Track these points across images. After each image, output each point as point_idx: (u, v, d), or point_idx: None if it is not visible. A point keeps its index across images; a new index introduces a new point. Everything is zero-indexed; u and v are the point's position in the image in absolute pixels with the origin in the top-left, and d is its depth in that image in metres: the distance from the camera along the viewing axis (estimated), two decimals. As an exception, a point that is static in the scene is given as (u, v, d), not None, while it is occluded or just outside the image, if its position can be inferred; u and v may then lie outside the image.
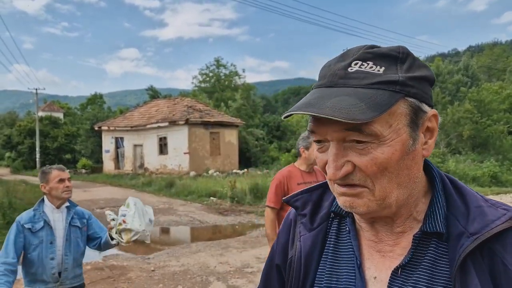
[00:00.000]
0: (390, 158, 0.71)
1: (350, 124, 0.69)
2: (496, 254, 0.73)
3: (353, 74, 0.72)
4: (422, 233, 0.77)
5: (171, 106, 27.16)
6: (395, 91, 0.71)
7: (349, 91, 0.71)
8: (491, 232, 0.72)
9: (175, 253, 8.02)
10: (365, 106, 0.67)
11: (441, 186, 0.82)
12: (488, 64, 56.83)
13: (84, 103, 60.92)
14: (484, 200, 0.79)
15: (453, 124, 26.05)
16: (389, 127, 0.71)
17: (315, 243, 0.88)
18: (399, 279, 0.77)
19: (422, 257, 0.77)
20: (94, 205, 14.51)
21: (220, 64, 46.44)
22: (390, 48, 0.76)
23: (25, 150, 35.75)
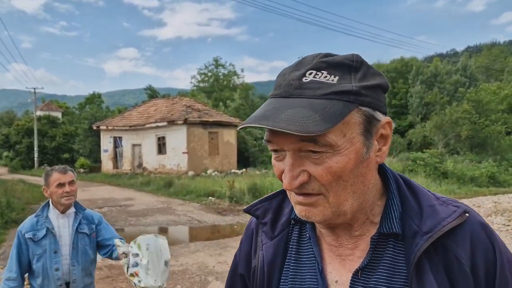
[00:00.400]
0: (345, 167, 0.73)
1: (305, 136, 0.69)
2: (449, 250, 0.76)
3: (308, 84, 0.73)
4: (379, 234, 0.80)
5: (169, 106, 27.14)
6: (349, 101, 0.72)
7: (304, 102, 0.71)
8: (443, 230, 0.76)
9: (174, 252, 8.01)
10: (319, 118, 0.68)
11: (396, 187, 0.84)
12: (486, 64, 56.95)
13: (82, 102, 60.84)
14: (436, 199, 0.82)
15: (451, 124, 26.10)
16: (343, 136, 0.72)
17: (277, 251, 0.89)
18: (359, 281, 0.79)
19: (381, 258, 0.79)
20: (92, 204, 14.48)
21: (219, 64, 46.48)
22: (344, 56, 0.76)
23: (23, 149, 35.67)
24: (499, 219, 10.54)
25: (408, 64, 43.53)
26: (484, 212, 11.45)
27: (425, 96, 35.95)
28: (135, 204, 14.70)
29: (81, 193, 18.14)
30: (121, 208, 13.69)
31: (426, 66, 41.42)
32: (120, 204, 14.59)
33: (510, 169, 20.00)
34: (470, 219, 0.79)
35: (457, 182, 18.23)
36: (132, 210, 13.35)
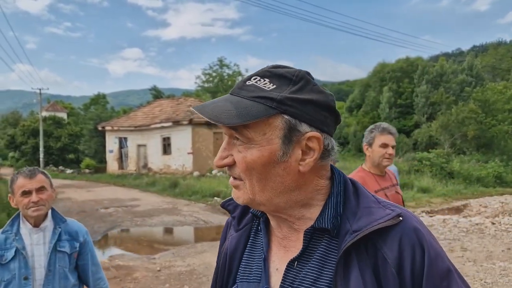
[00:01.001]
0: (256, 161, 0.82)
1: (225, 125, 0.81)
2: (378, 249, 0.82)
3: (247, 86, 0.84)
4: (312, 229, 0.86)
5: (174, 106, 27.18)
6: (270, 107, 0.80)
7: (235, 99, 0.83)
8: (371, 229, 0.81)
9: (180, 253, 8.01)
10: (235, 113, 0.79)
11: (342, 189, 0.90)
12: (493, 64, 56.60)
13: (87, 103, 61.08)
14: (376, 202, 0.88)
15: (457, 124, 25.94)
16: (263, 134, 0.82)
17: (239, 242, 0.99)
18: (294, 270, 0.87)
19: (314, 251, 0.86)
20: (98, 205, 14.53)
21: (223, 64, 46.48)
22: (289, 70, 0.86)
23: (29, 150, 35.83)
24: (506, 219, 10.46)
25: (414, 63, 43.32)
26: (491, 212, 11.37)
27: (430, 96, 35.76)
28: (140, 204, 14.72)
29: (86, 193, 18.21)
30: (127, 209, 13.72)
31: (432, 65, 41.21)
32: (125, 205, 14.62)
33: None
34: (404, 223, 0.84)
35: (463, 182, 18.12)
36: (138, 210, 13.37)
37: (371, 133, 3.02)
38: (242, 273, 0.96)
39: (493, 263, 6.68)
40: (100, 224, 11.02)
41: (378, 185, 2.97)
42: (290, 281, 0.86)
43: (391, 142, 3.00)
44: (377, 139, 2.98)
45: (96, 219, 11.81)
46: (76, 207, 14.09)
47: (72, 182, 24.83)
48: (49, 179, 2.27)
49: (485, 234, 9.10)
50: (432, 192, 15.84)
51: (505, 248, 7.80)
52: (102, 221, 11.44)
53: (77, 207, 13.97)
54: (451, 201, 14.56)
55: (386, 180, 3.08)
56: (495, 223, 10.15)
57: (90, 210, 13.33)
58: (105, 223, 11.17)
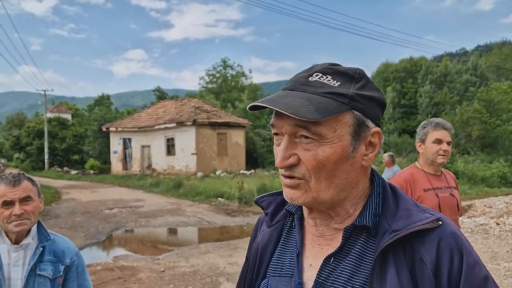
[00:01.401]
0: (329, 157, 0.83)
1: (300, 121, 0.80)
2: (416, 250, 0.83)
3: (312, 82, 0.85)
4: (353, 226, 0.88)
5: (178, 107, 27.24)
6: (343, 103, 0.82)
7: (304, 95, 0.83)
8: (411, 230, 0.82)
9: (184, 253, 8.03)
10: (313, 108, 0.79)
11: (381, 191, 0.92)
12: (497, 63, 56.33)
13: (91, 104, 61.26)
14: (415, 206, 0.89)
15: (462, 124, 25.87)
16: (334, 131, 0.83)
17: (271, 237, 1.01)
18: (330, 266, 0.88)
19: (351, 249, 0.88)
20: (102, 205, 14.59)
21: (227, 65, 46.49)
22: (349, 68, 0.88)
23: (34, 151, 36.03)
24: (511, 219, 10.41)
25: (417, 63, 43.24)
26: (496, 212, 11.32)
27: (434, 96, 35.67)
28: (145, 205, 14.76)
29: (91, 194, 18.28)
30: (131, 209, 13.76)
31: (436, 65, 41.10)
32: (130, 205, 14.66)
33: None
34: (442, 227, 0.85)
35: (468, 182, 18.06)
36: (142, 211, 13.41)
37: (423, 129, 2.85)
38: (274, 268, 0.97)
39: (498, 264, 6.65)
40: (104, 225, 11.06)
41: (429, 183, 2.81)
42: (325, 277, 0.87)
43: (446, 137, 2.81)
44: (430, 135, 2.81)
45: (100, 219, 11.86)
46: (81, 207, 14.16)
47: (76, 183, 24.95)
48: (36, 187, 1.90)
49: (490, 234, 9.07)
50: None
51: (509, 248, 7.77)
52: (107, 222, 11.49)
53: (81, 208, 14.04)
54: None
55: (440, 180, 2.88)
56: (499, 224, 10.10)
57: (94, 211, 13.39)
58: (110, 224, 11.21)
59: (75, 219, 11.90)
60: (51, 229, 8.51)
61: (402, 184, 2.77)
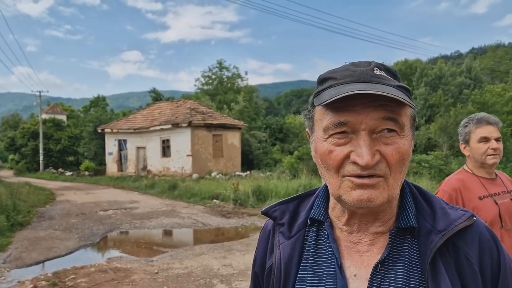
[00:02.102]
0: (408, 150, 0.81)
1: (392, 112, 0.78)
2: (460, 249, 0.83)
3: (380, 75, 0.82)
4: (397, 229, 0.86)
5: (174, 109, 27.22)
6: (408, 97, 0.81)
7: (386, 87, 0.79)
8: (455, 229, 0.83)
9: (179, 255, 8.03)
10: (407, 98, 0.78)
11: (408, 190, 0.91)
12: (491, 66, 56.69)
13: (87, 105, 61.11)
14: (445, 203, 0.90)
15: (456, 126, 25.93)
16: (406, 124, 0.82)
17: (294, 249, 0.93)
18: (379, 274, 0.84)
19: (399, 254, 0.85)
20: (97, 207, 14.55)
21: (223, 67, 46.47)
22: (388, 66, 0.87)
23: (29, 152, 35.86)
24: (504, 221, 10.49)
25: (412, 66, 43.42)
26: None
27: (429, 98, 35.83)
28: (139, 207, 14.74)
29: (86, 195, 18.23)
30: (126, 211, 13.74)
31: (430, 68, 41.31)
32: (125, 207, 14.63)
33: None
34: (477, 223, 0.86)
35: (462, 184, 18.12)
36: (137, 213, 13.39)
37: (465, 128, 2.49)
38: (309, 283, 0.89)
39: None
40: (99, 227, 11.05)
41: (485, 190, 2.38)
42: (376, 286, 0.83)
43: (493, 133, 2.42)
44: (474, 134, 2.44)
45: (95, 221, 11.84)
46: (76, 209, 14.12)
47: (71, 184, 24.86)
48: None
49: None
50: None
51: (501, 250, 7.82)
52: (101, 223, 11.47)
53: (76, 209, 14.00)
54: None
55: (497, 184, 2.44)
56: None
57: (89, 213, 13.36)
58: (104, 225, 11.19)
59: (69, 221, 11.87)
60: (45, 230, 8.55)
61: (450, 193, 2.36)
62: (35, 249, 8.64)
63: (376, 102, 0.78)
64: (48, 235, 9.89)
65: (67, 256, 8.25)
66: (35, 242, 9.19)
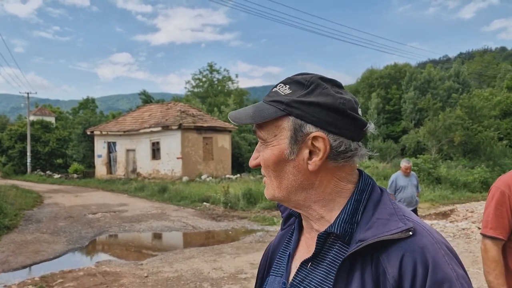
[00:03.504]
0: (268, 158, 0.91)
1: (256, 126, 0.92)
2: (381, 262, 0.80)
3: (270, 92, 0.93)
4: (325, 233, 0.89)
5: (164, 111, 27.09)
6: (279, 109, 0.88)
7: (259, 104, 0.92)
8: (374, 240, 0.80)
9: (168, 258, 7.97)
10: (251, 115, 0.90)
11: (365, 197, 0.90)
12: (479, 70, 57.43)
13: (76, 107, 60.57)
14: (395, 215, 0.85)
15: (444, 130, 26.25)
16: (274, 135, 0.90)
17: (281, 239, 1.08)
18: (305, 270, 0.91)
19: (326, 256, 0.89)
20: (86, 210, 14.40)
21: (213, 69, 46.47)
22: (304, 77, 0.91)
23: (16, 154, 35.37)
24: (492, 224, 10.59)
25: (402, 70, 43.81)
26: (477, 217, 11.51)
27: (418, 102, 36.14)
28: (129, 209, 14.62)
29: (74, 198, 18.03)
30: (115, 214, 13.61)
31: (419, 72, 41.70)
32: (114, 210, 14.50)
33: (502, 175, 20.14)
34: (413, 238, 0.80)
35: (450, 187, 18.32)
36: (126, 215, 13.28)
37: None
38: (274, 267, 1.04)
39: (479, 268, 6.75)
40: (87, 230, 10.93)
41: None
42: (299, 280, 0.92)
43: None
44: None
45: (83, 224, 11.71)
46: (64, 212, 13.95)
47: (59, 187, 24.57)
48: None
49: (472, 239, 9.21)
50: (420, 197, 15.98)
51: (490, 252, 7.89)
52: (90, 227, 11.35)
53: (64, 212, 13.83)
54: (438, 206, 14.70)
55: None
56: (481, 228, 10.27)
57: (77, 216, 13.21)
58: (93, 229, 11.07)
59: (57, 224, 11.72)
60: (33, 234, 8.44)
61: (503, 190, 2.21)
62: (22, 252, 8.51)
63: None
64: (35, 238, 9.75)
65: (55, 260, 8.14)
66: (22, 246, 9.06)
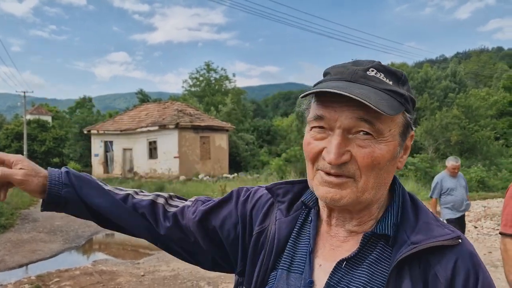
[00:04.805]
0: (384, 155, 0.80)
1: (368, 114, 0.78)
2: (431, 266, 0.80)
3: (371, 77, 0.82)
4: (372, 234, 0.85)
5: (161, 110, 27.06)
6: (400, 103, 0.82)
7: (370, 89, 0.80)
8: (431, 244, 0.80)
9: (165, 257, 7.97)
10: (386, 104, 0.77)
11: (401, 200, 0.90)
12: (475, 70, 57.63)
13: (72, 106, 60.42)
14: (436, 220, 0.86)
15: (441, 129, 26.33)
16: (389, 130, 0.81)
17: (288, 228, 0.96)
18: (341, 270, 0.85)
19: (367, 256, 0.85)
20: (82, 209, 14.36)
21: (211, 69, 46.41)
22: (396, 69, 0.87)
23: (13, 153, 35.28)
24: (488, 223, 10.65)
25: (399, 69, 43.89)
26: (474, 216, 11.55)
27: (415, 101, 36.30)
28: (126, 209, 14.58)
29: (71, 197, 17.97)
30: (112, 213, 13.58)
31: (417, 71, 41.80)
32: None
33: (499, 174, 20.24)
34: (461, 246, 0.82)
35: (447, 186, 18.35)
36: (123, 215, 13.24)
37: None
38: (284, 260, 0.93)
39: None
40: (84, 229, 10.91)
41: None
42: (336, 280, 0.84)
43: None
44: None
45: (80, 223, 11.68)
46: (60, 211, 13.92)
47: (56, 186, 24.47)
48: None
49: (468, 237, 9.22)
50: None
51: (486, 251, 7.95)
52: (87, 226, 11.33)
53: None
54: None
55: None
56: (477, 227, 10.32)
57: (74, 215, 13.18)
58: (90, 228, 11.06)
59: (54, 223, 11.69)
60: (29, 233, 8.40)
61: None
62: (18, 252, 8.49)
63: (353, 102, 0.77)
64: (31, 237, 9.73)
65: (51, 259, 8.13)
66: (19, 245, 9.04)
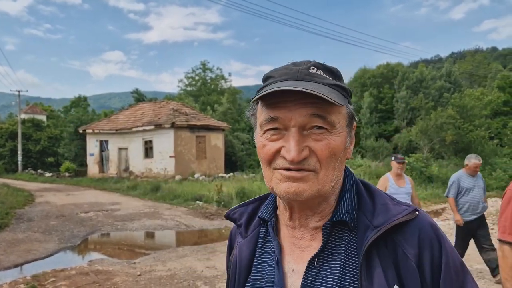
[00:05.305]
0: (339, 146, 0.84)
1: (319, 110, 0.81)
2: (398, 245, 0.83)
3: (315, 74, 0.85)
4: (331, 223, 0.87)
5: (156, 109, 26.99)
6: (344, 96, 0.86)
7: (318, 85, 0.83)
8: (392, 224, 0.83)
9: (161, 257, 7.95)
10: (336, 96, 0.81)
11: (355, 185, 0.93)
12: (470, 70, 57.88)
13: (67, 105, 60.13)
14: (390, 200, 0.91)
15: (436, 129, 26.41)
16: (339, 122, 0.85)
17: (248, 248, 0.98)
18: (315, 268, 0.86)
19: (336, 248, 0.87)
20: (78, 209, 14.30)
21: (206, 68, 46.35)
22: (331, 66, 0.90)
23: (7, 153, 35.05)
24: (483, 222, 10.69)
25: (394, 69, 43.96)
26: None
27: (410, 101, 36.34)
28: (121, 208, 14.55)
29: (66, 197, 17.90)
30: (108, 213, 13.54)
31: (412, 71, 41.90)
32: (106, 209, 14.42)
33: (493, 174, 20.32)
34: (420, 218, 0.86)
35: (442, 186, 18.42)
36: (119, 214, 13.21)
37: None
38: (253, 280, 0.94)
39: (470, 266, 6.82)
40: (79, 229, 10.86)
41: None
42: (311, 280, 0.85)
43: None
44: None
45: (75, 223, 11.64)
46: (55, 211, 13.85)
47: (51, 185, 24.38)
48: None
49: (462, 237, 9.28)
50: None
51: (481, 250, 7.96)
52: (82, 225, 11.28)
53: (56, 211, 13.73)
54: (430, 205, 14.81)
55: None
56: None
57: (69, 214, 13.12)
58: (85, 228, 11.01)
59: (49, 223, 11.64)
60: (24, 233, 8.37)
61: None
62: (13, 251, 8.44)
63: (305, 99, 0.81)
64: (27, 237, 9.68)
65: (46, 259, 8.09)
66: (14, 245, 8.98)
